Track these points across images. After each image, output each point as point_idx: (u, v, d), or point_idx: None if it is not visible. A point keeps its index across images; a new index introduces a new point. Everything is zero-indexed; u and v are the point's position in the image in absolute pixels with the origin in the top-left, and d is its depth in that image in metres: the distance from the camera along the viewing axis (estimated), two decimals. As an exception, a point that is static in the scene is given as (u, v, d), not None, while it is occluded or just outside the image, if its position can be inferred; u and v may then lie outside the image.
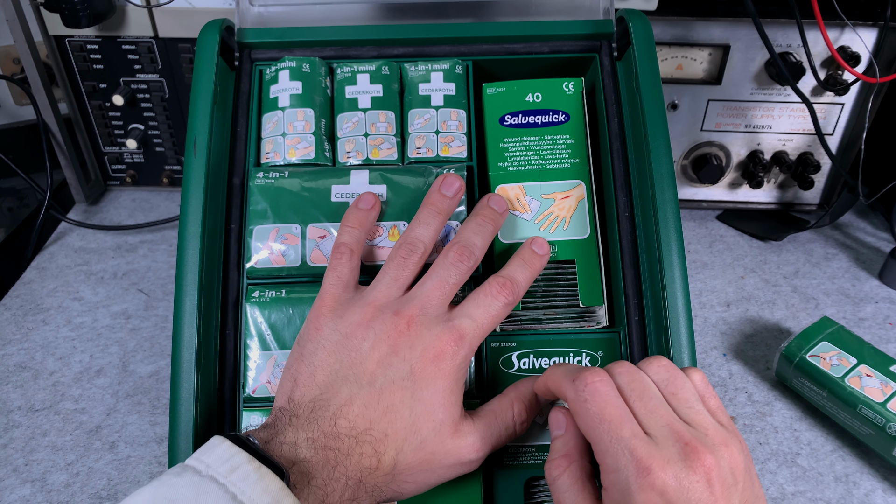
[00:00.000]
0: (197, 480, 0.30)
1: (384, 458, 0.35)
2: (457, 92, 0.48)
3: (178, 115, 0.73)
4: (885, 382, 0.52)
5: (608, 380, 0.35)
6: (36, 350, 0.61)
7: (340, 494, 0.33)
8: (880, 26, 0.64)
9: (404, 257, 0.40)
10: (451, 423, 0.37)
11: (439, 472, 0.37)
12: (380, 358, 0.37)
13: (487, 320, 0.39)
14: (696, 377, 0.36)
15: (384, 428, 0.35)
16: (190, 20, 0.66)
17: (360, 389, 0.36)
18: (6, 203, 0.81)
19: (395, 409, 0.36)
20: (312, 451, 0.33)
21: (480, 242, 0.41)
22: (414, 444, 0.36)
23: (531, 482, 0.42)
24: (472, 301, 0.39)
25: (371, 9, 0.53)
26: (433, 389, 0.36)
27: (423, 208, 0.42)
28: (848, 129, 0.70)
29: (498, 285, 0.39)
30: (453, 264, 0.39)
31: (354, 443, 0.34)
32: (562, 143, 0.47)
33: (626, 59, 0.48)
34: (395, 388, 0.36)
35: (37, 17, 0.67)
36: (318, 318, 0.39)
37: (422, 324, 0.37)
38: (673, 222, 0.42)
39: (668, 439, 0.33)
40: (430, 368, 0.36)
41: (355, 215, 0.42)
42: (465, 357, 0.38)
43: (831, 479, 0.51)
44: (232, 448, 0.31)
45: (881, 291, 0.68)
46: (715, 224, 0.77)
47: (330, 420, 0.35)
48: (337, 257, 0.40)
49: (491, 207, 0.42)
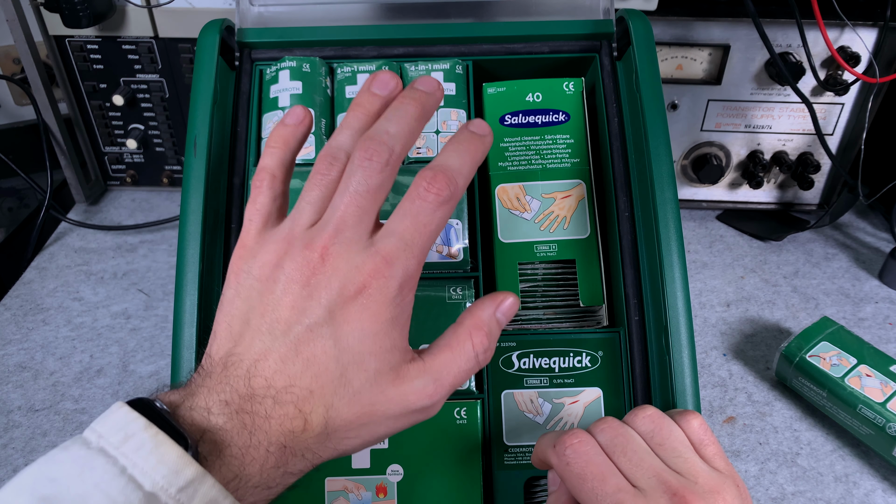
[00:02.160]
0: (84, 454, 0.27)
1: (312, 418, 0.30)
2: (457, 92, 0.48)
3: (178, 115, 0.73)
4: (885, 382, 0.52)
5: (588, 439, 0.34)
6: (36, 350, 0.61)
7: (262, 463, 0.29)
8: (880, 26, 0.64)
9: (323, 173, 0.32)
10: (388, 371, 0.31)
11: (387, 423, 0.32)
12: (293, 303, 0.30)
13: (419, 232, 0.31)
14: (694, 422, 0.35)
15: (307, 384, 0.30)
16: (190, 20, 0.66)
17: (274, 341, 0.30)
18: (6, 203, 0.81)
19: (317, 361, 0.30)
20: (226, 416, 0.29)
21: (396, 129, 0.32)
22: (346, 398, 0.30)
23: (531, 482, 0.42)
24: (396, 213, 0.31)
25: (371, 9, 0.53)
26: (360, 333, 0.30)
27: (350, 110, 0.34)
28: (848, 129, 0.70)
29: (425, 181, 0.31)
30: (361, 165, 0.31)
31: (273, 403, 0.29)
32: (562, 142, 0.47)
33: (626, 59, 0.48)
34: (313, 336, 0.30)
35: (37, 17, 0.67)
36: (236, 261, 0.33)
37: (337, 254, 0.30)
38: (673, 222, 0.42)
39: (656, 490, 0.32)
40: (353, 308, 0.30)
41: (279, 132, 0.35)
42: (397, 287, 0.31)
43: (831, 479, 0.51)
44: (130, 414, 0.27)
45: (881, 291, 0.68)
46: (715, 224, 0.77)
47: (244, 379, 0.30)
48: (256, 185, 0.34)
49: (418, 88, 0.33)
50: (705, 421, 0.36)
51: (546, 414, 0.43)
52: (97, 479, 0.26)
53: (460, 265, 0.44)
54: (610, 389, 0.43)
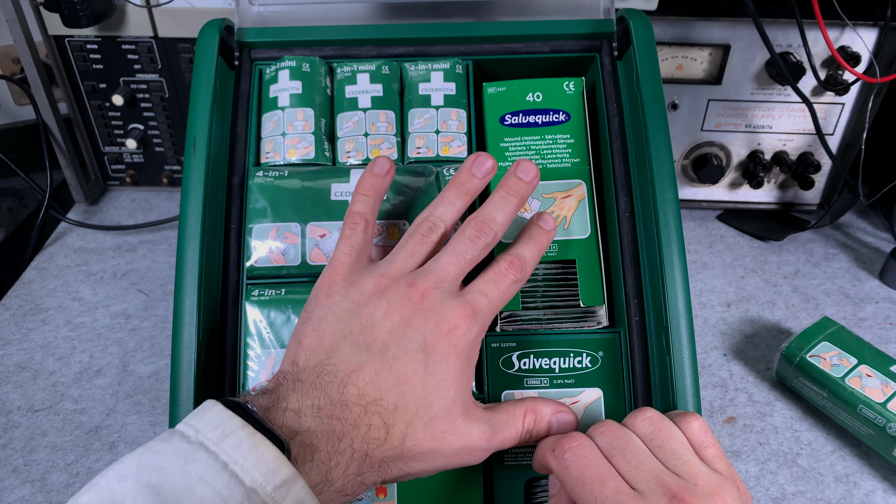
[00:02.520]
0: (185, 447, 0.29)
1: (393, 431, 0.33)
2: (457, 91, 0.48)
3: (178, 115, 0.73)
4: (886, 382, 0.52)
5: (587, 442, 0.35)
6: (36, 350, 0.61)
7: (345, 468, 0.32)
8: (880, 26, 0.64)
9: (423, 234, 0.38)
10: (461, 404, 0.35)
11: (448, 454, 0.35)
12: (392, 327, 0.35)
13: (498, 297, 0.37)
14: (694, 424, 0.36)
15: (394, 399, 0.34)
16: (190, 20, 0.66)
17: (371, 357, 0.34)
18: (6, 203, 0.81)
19: (406, 381, 0.34)
20: (318, 420, 0.32)
21: (501, 217, 0.39)
22: (424, 419, 0.34)
23: (531, 482, 0.42)
24: (483, 278, 0.38)
25: (371, 8, 0.53)
26: (446, 365, 0.35)
27: (450, 187, 0.40)
28: (848, 129, 0.70)
29: (507, 263, 0.38)
30: (471, 239, 0.38)
31: (363, 412, 0.33)
32: (562, 142, 0.47)
33: (627, 59, 0.48)
34: (407, 358, 0.34)
35: (37, 17, 0.67)
36: (329, 286, 0.37)
37: (435, 297, 0.36)
38: (673, 222, 0.42)
39: (656, 492, 0.32)
40: (443, 342, 0.35)
41: (370, 181, 0.40)
42: (477, 334, 0.36)
43: (831, 480, 0.51)
44: (224, 412, 0.30)
45: (881, 291, 0.68)
46: (715, 224, 0.77)
47: (338, 387, 0.33)
48: (351, 227, 0.39)
49: (517, 177, 0.40)
50: (705, 422, 0.36)
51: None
52: (201, 472, 0.28)
53: (460, 265, 0.44)
54: (610, 390, 0.43)
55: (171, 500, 0.27)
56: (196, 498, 0.27)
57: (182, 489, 0.27)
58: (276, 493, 0.28)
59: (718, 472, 0.34)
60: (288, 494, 0.29)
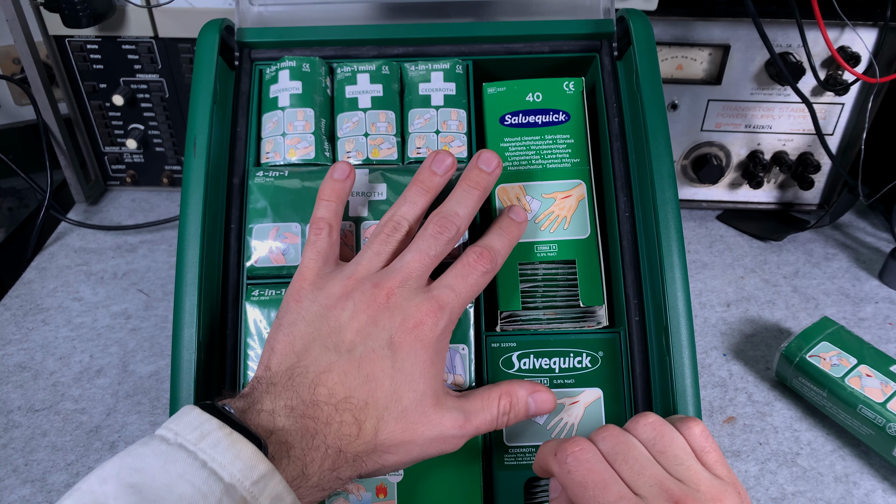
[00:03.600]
0: (164, 449, 0.30)
1: (365, 427, 0.34)
2: (457, 92, 0.48)
3: (178, 115, 0.73)
4: (885, 382, 0.52)
5: (590, 447, 0.35)
6: (36, 350, 0.61)
7: (320, 464, 0.33)
8: (880, 26, 0.64)
9: (388, 234, 0.39)
10: (432, 395, 0.36)
11: (421, 444, 0.36)
12: (359, 327, 0.36)
13: (466, 290, 0.38)
14: (696, 429, 0.36)
15: (364, 396, 0.35)
16: (190, 20, 0.66)
17: (339, 357, 0.35)
18: (6, 203, 0.81)
19: (375, 378, 0.35)
20: (291, 419, 0.33)
21: (464, 211, 0.40)
22: (395, 412, 0.35)
23: (531, 482, 0.42)
24: (451, 272, 0.39)
25: (371, 8, 0.53)
26: (414, 359, 0.36)
27: (411, 186, 0.41)
28: (848, 129, 0.70)
29: (475, 255, 0.39)
30: (434, 236, 0.38)
31: (334, 410, 0.34)
32: (562, 142, 0.47)
33: (627, 59, 0.48)
34: (375, 356, 0.36)
35: (37, 17, 0.67)
36: (298, 292, 0.38)
37: (402, 295, 0.37)
38: (673, 222, 0.42)
39: (658, 498, 0.32)
40: (410, 338, 0.36)
41: (331, 187, 0.41)
42: (445, 327, 0.37)
43: (831, 479, 0.51)
44: (202, 415, 0.31)
45: (881, 291, 0.68)
46: (715, 224, 0.77)
47: (309, 387, 0.34)
48: (315, 232, 0.40)
49: (479, 169, 0.41)
50: (706, 428, 0.36)
51: (546, 414, 0.43)
52: (181, 471, 0.29)
53: (460, 265, 0.44)
54: (610, 390, 0.43)
55: (152, 497, 0.28)
56: (177, 495, 0.28)
57: (163, 487, 0.28)
58: (255, 487, 0.29)
59: (720, 477, 0.34)
60: (266, 489, 0.30)
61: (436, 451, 0.37)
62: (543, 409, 0.40)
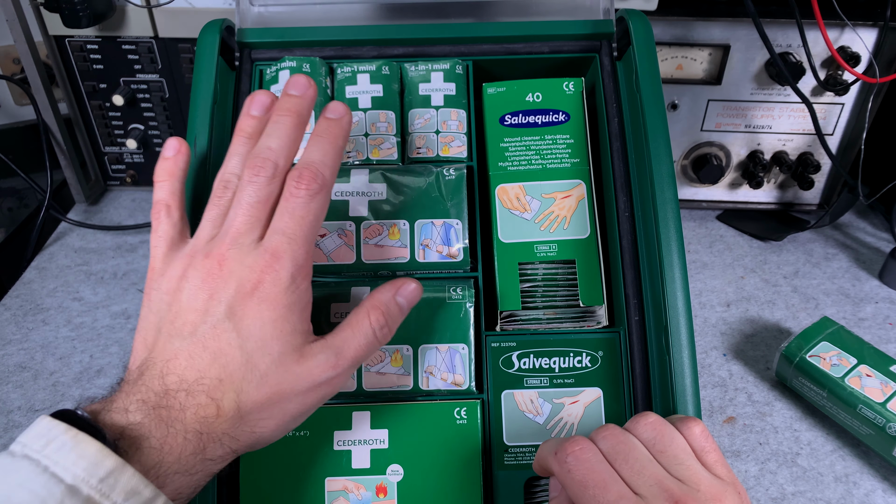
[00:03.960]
0: (8, 462, 0.29)
1: (224, 404, 0.33)
2: (457, 92, 0.48)
3: (178, 115, 0.73)
4: (885, 382, 0.52)
5: (590, 446, 0.35)
6: (36, 350, 0.61)
7: (181, 450, 0.32)
8: (880, 26, 0.64)
9: (219, 195, 0.37)
10: (292, 351, 0.34)
11: (297, 400, 0.35)
12: (198, 307, 0.34)
13: (299, 226, 0.35)
14: (696, 429, 0.36)
15: (216, 374, 0.33)
16: (190, 20, 0.66)
17: (183, 342, 0.34)
18: (6, 203, 0.81)
19: (223, 354, 0.33)
20: (143, 412, 0.32)
21: (276, 143, 0.36)
22: (254, 381, 0.33)
23: (531, 482, 0.42)
24: (277, 212, 0.35)
25: (371, 9, 0.53)
26: (261, 322, 0.34)
27: (234, 136, 0.38)
28: (848, 129, 0.70)
29: (294, 180, 0.35)
30: (250, 181, 0.35)
31: (186, 395, 0.33)
32: (562, 142, 0.47)
33: (627, 59, 0.48)
34: (218, 332, 0.33)
35: (37, 17, 0.67)
36: (148, 283, 0.37)
37: (234, 258, 0.34)
38: (673, 222, 0.42)
39: (658, 497, 0.32)
40: (251, 303, 0.34)
41: (161, 167, 0.39)
42: (290, 276, 0.34)
43: (831, 479, 0.51)
44: (51, 423, 0.30)
45: (881, 291, 0.68)
46: (715, 224, 0.77)
47: (158, 378, 0.33)
48: (154, 217, 0.38)
49: (288, 94, 0.37)
50: (706, 427, 0.36)
51: (546, 414, 0.43)
52: (21, 480, 0.28)
53: (460, 265, 0.44)
54: (610, 390, 0.43)
55: None
56: None
57: (2, 498, 0.28)
58: (103, 484, 0.29)
59: (719, 477, 0.34)
60: (117, 484, 0.29)
61: (317, 399, 0.35)
62: (413, 298, 0.38)
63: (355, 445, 0.42)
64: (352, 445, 0.42)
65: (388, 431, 0.42)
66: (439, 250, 0.44)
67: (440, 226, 0.44)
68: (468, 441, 0.42)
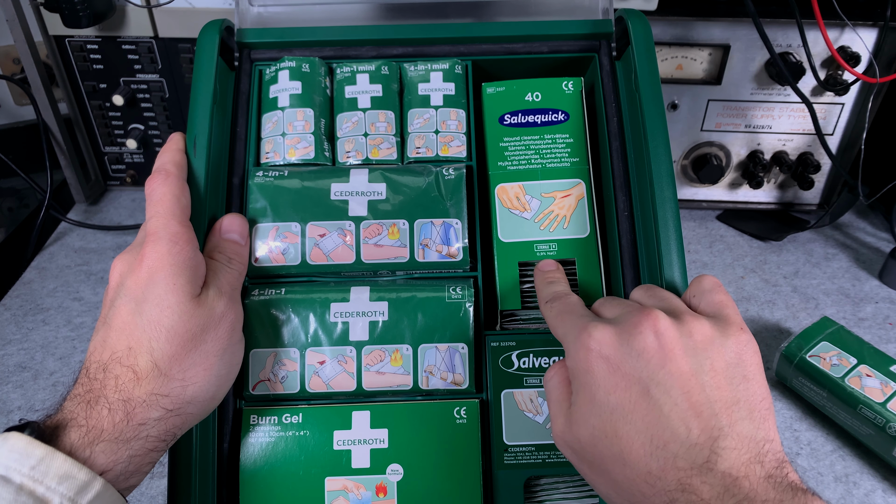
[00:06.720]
0: None
1: (139, 367, 0.35)
2: (456, 92, 0.48)
3: (178, 115, 0.73)
4: (885, 382, 0.52)
5: (577, 298, 0.39)
6: (36, 350, 0.61)
7: (109, 420, 0.33)
8: (880, 26, 0.64)
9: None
10: (189, 300, 0.37)
11: (211, 337, 0.37)
12: (109, 297, 0.38)
13: (160, 204, 0.39)
14: (705, 282, 0.37)
15: (125, 344, 0.35)
16: (190, 20, 0.66)
17: (99, 332, 0.37)
18: (6, 203, 0.81)
19: (128, 324, 0.36)
20: (75, 402, 0.34)
21: None
22: (163, 336, 0.36)
23: (531, 482, 0.42)
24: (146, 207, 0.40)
25: (371, 9, 0.53)
26: (152, 286, 0.36)
27: None
28: (848, 129, 0.70)
29: (147, 182, 0.41)
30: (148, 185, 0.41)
31: (104, 373, 0.35)
32: (561, 142, 0.47)
33: (626, 59, 0.48)
34: (119, 310, 0.36)
35: (37, 17, 0.67)
36: None
37: (131, 253, 0.39)
38: (672, 222, 0.42)
39: (627, 312, 0.34)
40: (140, 275, 0.37)
41: None
42: (168, 241, 0.37)
43: (831, 479, 0.51)
44: None
45: (881, 291, 0.68)
46: (715, 224, 0.77)
47: (86, 372, 0.36)
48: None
49: None
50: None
51: (546, 413, 0.43)
52: None
53: (460, 265, 0.44)
54: (609, 389, 0.43)
55: None
56: None
57: None
58: (34, 471, 0.30)
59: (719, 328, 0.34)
60: (49, 470, 0.31)
61: (228, 331, 0.38)
62: (232, 226, 0.42)
63: (355, 445, 0.42)
64: (352, 445, 0.42)
65: (387, 431, 0.42)
66: (439, 250, 0.44)
67: (440, 225, 0.44)
68: (468, 440, 0.42)
